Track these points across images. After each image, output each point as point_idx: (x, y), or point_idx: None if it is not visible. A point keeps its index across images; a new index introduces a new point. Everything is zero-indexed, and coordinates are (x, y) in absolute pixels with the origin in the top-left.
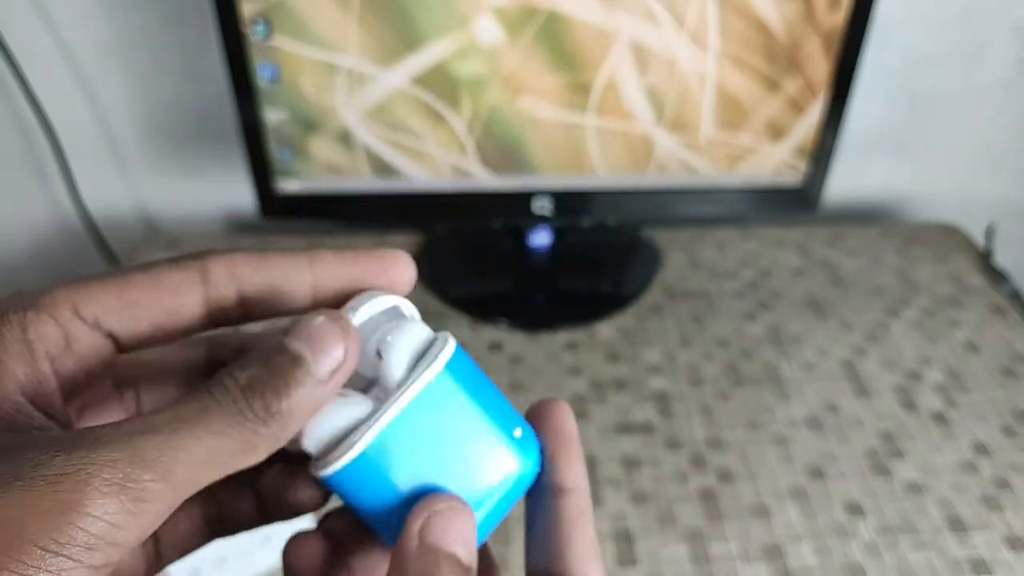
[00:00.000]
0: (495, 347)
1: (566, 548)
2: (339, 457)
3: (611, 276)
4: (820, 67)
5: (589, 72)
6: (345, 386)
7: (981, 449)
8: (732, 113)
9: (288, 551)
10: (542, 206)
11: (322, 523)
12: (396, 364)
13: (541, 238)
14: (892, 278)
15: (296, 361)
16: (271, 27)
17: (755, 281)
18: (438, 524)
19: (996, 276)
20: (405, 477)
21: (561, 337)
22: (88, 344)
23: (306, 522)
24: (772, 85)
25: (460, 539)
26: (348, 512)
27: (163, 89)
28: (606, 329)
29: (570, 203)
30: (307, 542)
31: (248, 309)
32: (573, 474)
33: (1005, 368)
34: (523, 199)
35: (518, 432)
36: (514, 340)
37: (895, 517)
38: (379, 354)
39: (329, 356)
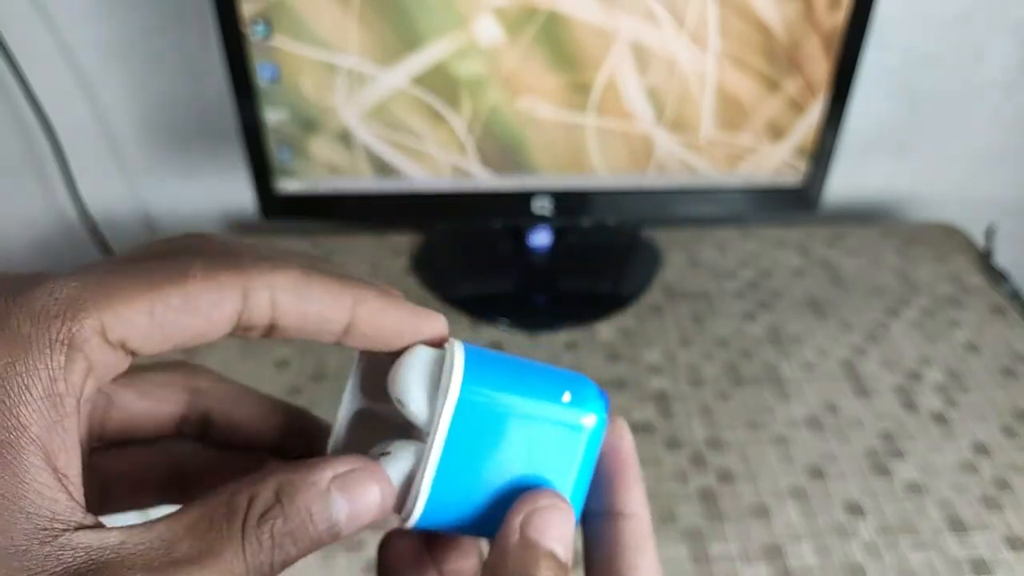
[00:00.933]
0: (495, 347)
1: None
2: (412, 510)
3: (611, 276)
4: (820, 67)
5: (589, 72)
6: (389, 427)
7: (981, 449)
8: (732, 113)
9: (384, 546)
10: (542, 206)
11: None
12: (417, 405)
13: (541, 238)
14: (892, 278)
15: (327, 522)
16: (271, 27)
17: (755, 281)
18: (539, 521)
19: (996, 276)
20: (484, 491)
21: (561, 337)
22: (107, 366)
23: None
24: (772, 85)
25: (560, 537)
26: None
27: (163, 89)
28: (606, 329)
29: (570, 203)
30: (401, 537)
31: (274, 332)
32: (633, 498)
33: (1005, 368)
34: (523, 199)
35: (567, 396)
36: (514, 340)
37: (895, 517)
38: (399, 401)
39: (360, 520)
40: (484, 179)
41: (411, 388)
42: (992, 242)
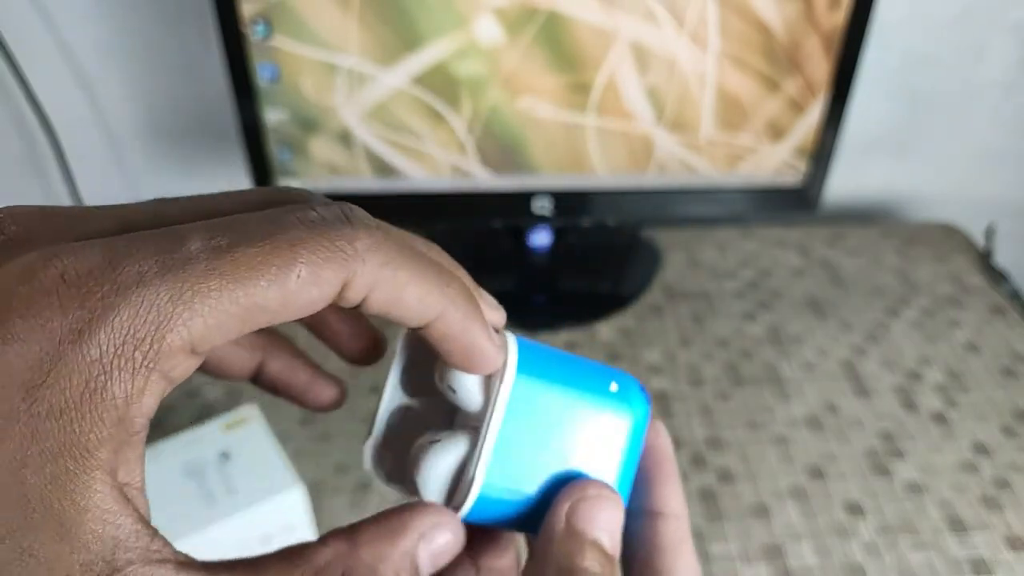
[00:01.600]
0: None
1: None
2: (465, 498)
3: (611, 276)
4: (820, 67)
5: (589, 72)
6: (429, 424)
7: (981, 449)
8: (732, 113)
9: None
10: (542, 206)
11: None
12: (471, 392)
13: (541, 238)
14: (892, 278)
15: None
16: (271, 27)
17: (755, 281)
18: (586, 510)
19: (996, 276)
20: (533, 482)
21: (561, 337)
22: (185, 372)
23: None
24: (772, 85)
25: (607, 527)
26: None
27: (163, 89)
28: (606, 329)
29: (570, 203)
30: None
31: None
32: (671, 497)
33: (1005, 368)
34: (523, 199)
35: (614, 387)
36: None
37: (895, 517)
38: (451, 388)
39: (437, 565)
40: (484, 179)
41: (466, 375)
42: (992, 242)
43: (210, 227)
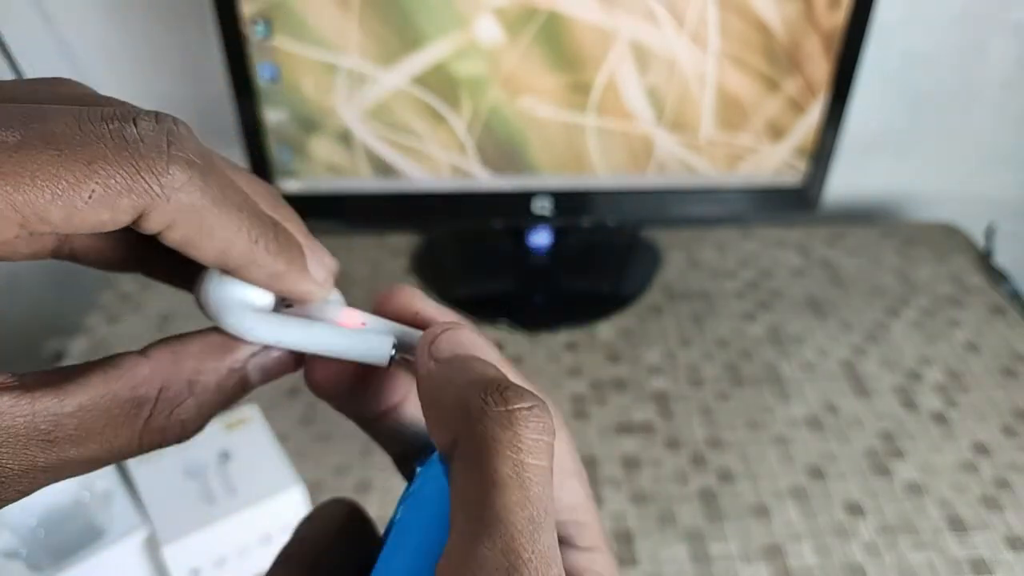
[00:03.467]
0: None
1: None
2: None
3: (611, 276)
4: (820, 67)
5: (589, 72)
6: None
7: (981, 449)
8: (732, 113)
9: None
10: (542, 206)
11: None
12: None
13: (541, 238)
14: (892, 278)
15: (236, 391)
16: (271, 27)
17: (755, 281)
18: (444, 341)
19: (996, 276)
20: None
21: (561, 337)
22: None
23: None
24: (772, 85)
25: (470, 344)
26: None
27: (163, 89)
28: (606, 329)
29: (570, 203)
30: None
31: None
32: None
33: (1005, 368)
34: (523, 199)
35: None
36: (514, 340)
37: (895, 517)
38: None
39: (270, 376)
40: (484, 179)
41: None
42: (992, 242)
43: (6, 116)
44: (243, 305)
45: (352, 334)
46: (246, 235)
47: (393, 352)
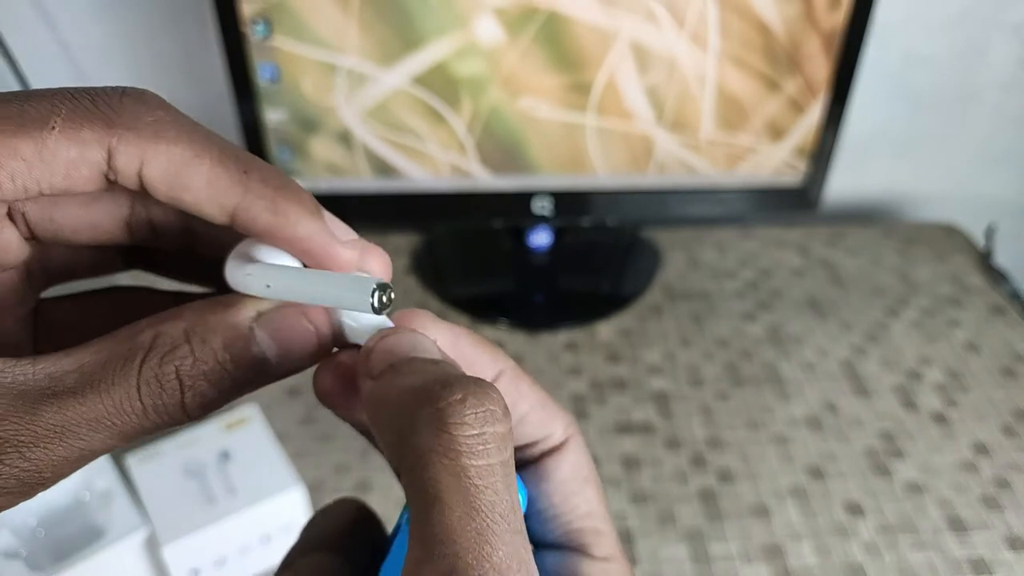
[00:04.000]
0: None
1: None
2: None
3: (611, 276)
4: (820, 67)
5: (589, 72)
6: None
7: (981, 449)
8: (732, 113)
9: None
10: (542, 206)
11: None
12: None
13: (541, 238)
14: (892, 278)
15: (251, 363)
16: (271, 27)
17: (755, 281)
18: (376, 355)
19: (996, 276)
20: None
21: (561, 337)
22: None
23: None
24: (772, 85)
25: (412, 345)
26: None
27: (163, 89)
28: (606, 329)
29: (570, 203)
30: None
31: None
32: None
33: (1005, 368)
34: (523, 199)
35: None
36: (514, 340)
37: (895, 517)
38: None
39: (298, 362)
40: (484, 179)
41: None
42: (992, 242)
43: None
44: (250, 258)
45: (338, 275)
46: (232, 165)
47: (376, 295)
